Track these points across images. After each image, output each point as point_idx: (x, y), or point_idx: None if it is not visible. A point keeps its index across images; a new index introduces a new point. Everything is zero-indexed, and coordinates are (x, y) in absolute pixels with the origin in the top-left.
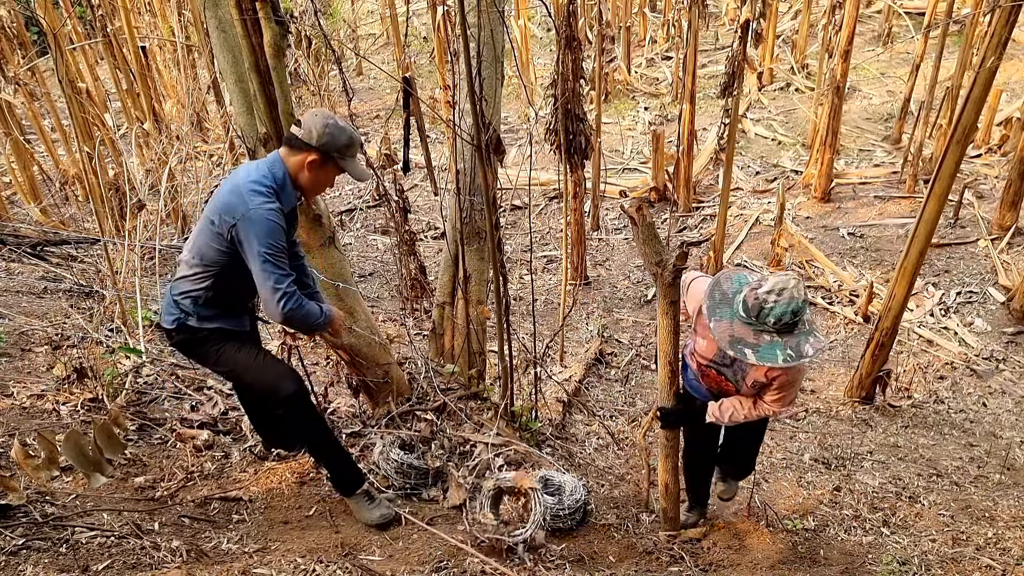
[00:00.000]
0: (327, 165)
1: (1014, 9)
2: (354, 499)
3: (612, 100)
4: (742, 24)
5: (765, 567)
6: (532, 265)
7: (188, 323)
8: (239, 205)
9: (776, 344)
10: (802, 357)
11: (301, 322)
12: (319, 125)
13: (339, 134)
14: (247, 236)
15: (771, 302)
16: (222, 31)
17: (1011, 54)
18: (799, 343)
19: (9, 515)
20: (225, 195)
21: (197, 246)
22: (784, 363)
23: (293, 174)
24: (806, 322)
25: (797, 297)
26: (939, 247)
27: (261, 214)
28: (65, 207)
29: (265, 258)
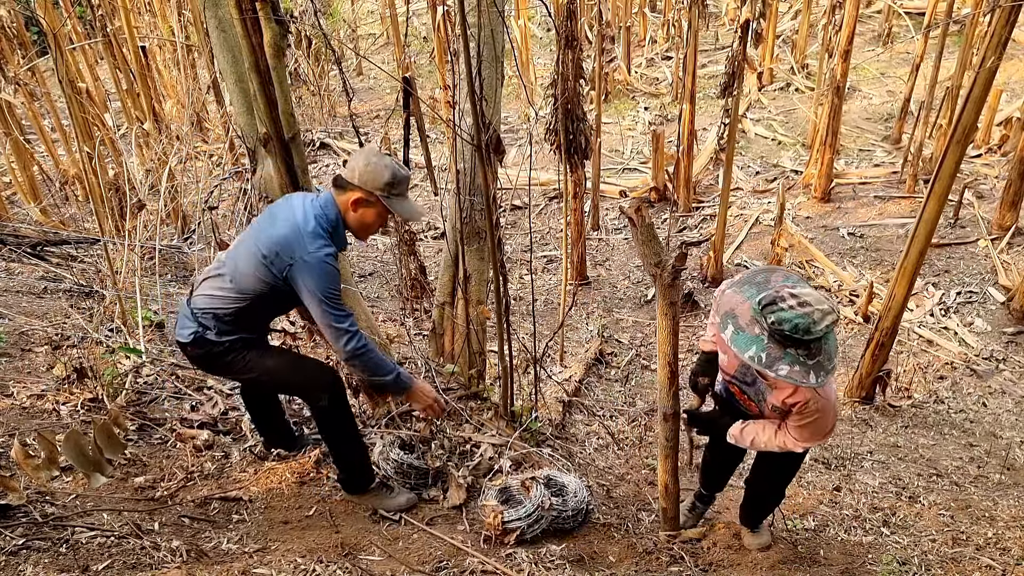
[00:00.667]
0: (372, 204)
1: (1014, 9)
2: (371, 494)
3: (612, 100)
4: (742, 24)
5: (765, 567)
6: (532, 265)
7: (206, 336)
8: (298, 248)
9: (758, 341)
10: (768, 368)
11: (366, 366)
12: (361, 163)
13: (381, 171)
14: (304, 280)
15: (786, 305)
16: (222, 31)
17: (1011, 54)
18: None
19: (9, 515)
20: (282, 232)
21: (239, 273)
22: (750, 359)
23: (343, 214)
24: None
25: (812, 324)
26: (939, 247)
27: (319, 259)
28: (65, 207)
29: (324, 302)
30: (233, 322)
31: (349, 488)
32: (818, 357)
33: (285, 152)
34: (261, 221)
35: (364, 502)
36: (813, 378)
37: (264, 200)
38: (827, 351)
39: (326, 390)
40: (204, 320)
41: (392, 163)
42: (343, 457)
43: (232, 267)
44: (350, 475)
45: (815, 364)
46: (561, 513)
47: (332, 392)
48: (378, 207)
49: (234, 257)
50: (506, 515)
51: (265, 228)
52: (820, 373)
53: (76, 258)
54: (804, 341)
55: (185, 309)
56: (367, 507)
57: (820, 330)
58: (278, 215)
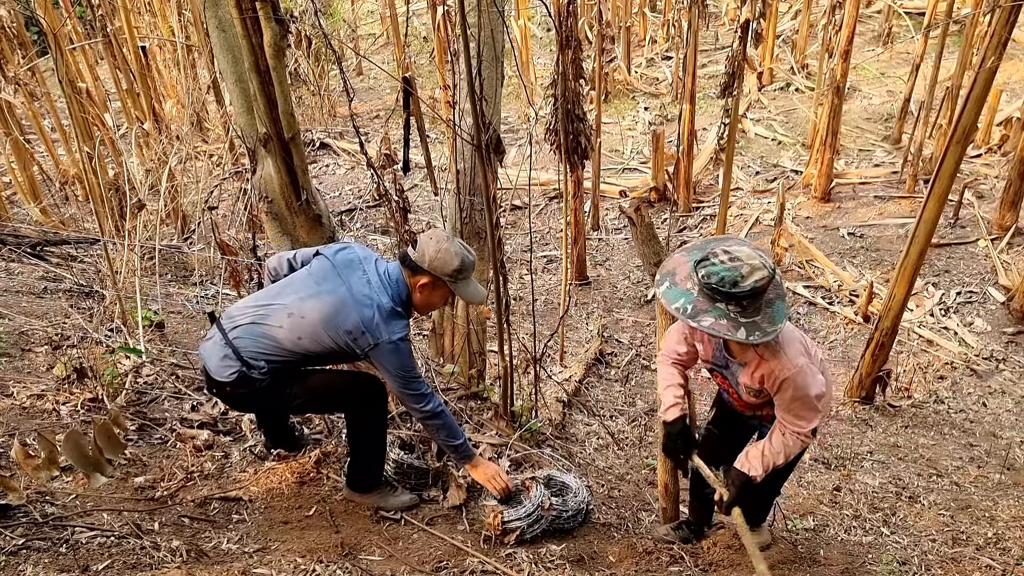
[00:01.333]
0: (438, 288)
1: (1014, 9)
2: (375, 493)
3: (612, 100)
4: (742, 24)
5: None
6: (532, 265)
7: (251, 375)
8: (384, 331)
9: (687, 294)
10: (691, 319)
11: (440, 428)
12: (432, 249)
13: (451, 259)
14: (387, 361)
15: (717, 260)
16: (222, 31)
17: (1011, 54)
18: (709, 312)
19: (9, 515)
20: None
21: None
22: (676, 311)
23: (410, 293)
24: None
25: (744, 277)
26: (939, 247)
27: (399, 342)
28: (65, 207)
29: (406, 380)
30: (284, 364)
31: (355, 486)
32: (754, 317)
33: (285, 152)
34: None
35: (366, 501)
36: (743, 333)
37: (264, 200)
38: (769, 315)
39: (372, 403)
40: (253, 362)
41: (461, 250)
42: (362, 456)
43: (305, 328)
44: (363, 475)
45: (749, 323)
46: (561, 513)
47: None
48: (444, 290)
49: (305, 317)
50: (506, 515)
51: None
52: (754, 331)
53: (76, 258)
54: (734, 295)
55: (225, 348)
56: (368, 506)
57: (749, 284)
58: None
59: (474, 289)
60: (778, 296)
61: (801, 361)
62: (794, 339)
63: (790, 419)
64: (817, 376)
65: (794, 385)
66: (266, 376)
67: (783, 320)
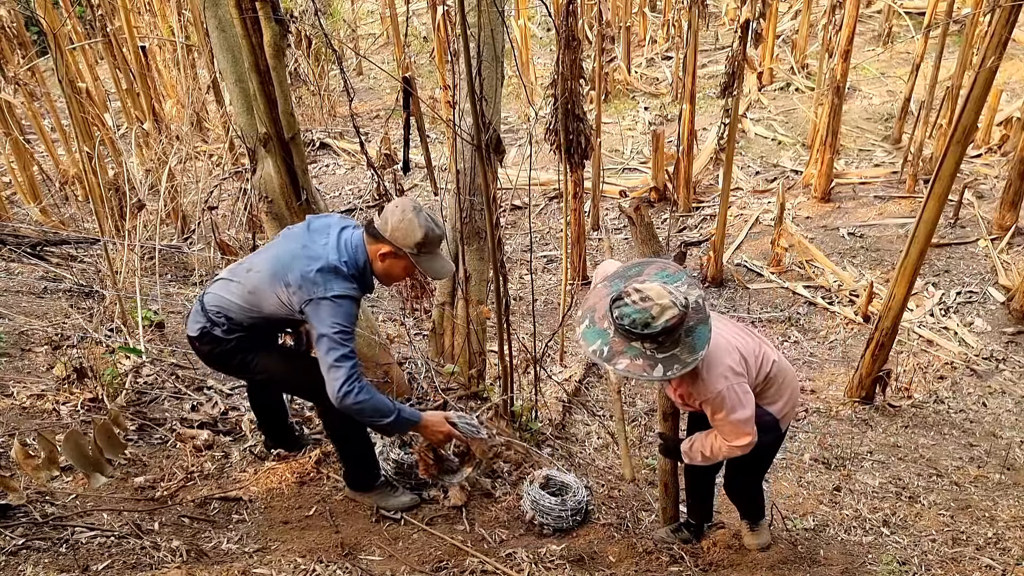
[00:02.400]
0: (399, 259)
1: (1014, 9)
2: (375, 492)
3: (612, 100)
4: (742, 24)
5: (765, 567)
6: (532, 265)
7: (214, 332)
8: (318, 287)
9: (604, 335)
10: (607, 362)
11: (361, 415)
12: (395, 218)
13: (413, 231)
14: (317, 316)
15: (628, 300)
16: (222, 31)
17: (1011, 54)
18: (625, 353)
19: (9, 515)
20: (311, 268)
21: (260, 290)
22: (592, 354)
23: (371, 261)
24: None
25: (655, 318)
26: (939, 247)
27: (336, 299)
28: (65, 207)
29: (332, 340)
30: (241, 327)
31: (353, 485)
32: (673, 350)
33: (285, 152)
34: (294, 242)
35: (366, 500)
36: (660, 370)
37: (264, 200)
38: (689, 344)
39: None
40: (215, 317)
41: (426, 221)
42: (348, 454)
43: (256, 281)
44: (355, 471)
45: (668, 357)
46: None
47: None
48: (405, 261)
49: (259, 271)
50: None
51: (297, 257)
52: (672, 365)
53: (76, 258)
54: (647, 335)
55: (197, 304)
56: (368, 505)
57: (660, 325)
58: (313, 246)
59: (439, 265)
60: (700, 321)
61: (720, 386)
62: (720, 362)
63: (720, 431)
64: (743, 397)
65: (713, 408)
66: (230, 338)
67: (705, 346)
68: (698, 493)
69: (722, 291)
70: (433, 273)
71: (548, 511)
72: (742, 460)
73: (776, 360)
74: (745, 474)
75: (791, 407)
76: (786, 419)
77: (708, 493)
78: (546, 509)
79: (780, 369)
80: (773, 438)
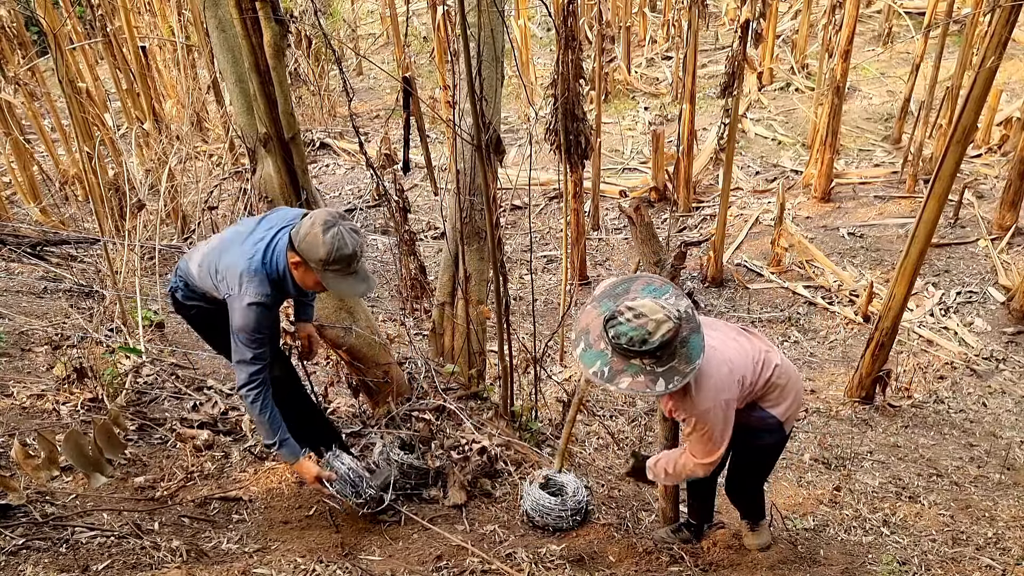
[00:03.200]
0: (308, 272)
1: (1014, 9)
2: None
3: (612, 100)
4: (742, 24)
5: (765, 567)
6: (532, 265)
7: (176, 295)
8: (236, 286)
9: (603, 356)
10: (609, 383)
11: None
12: (305, 227)
13: (316, 247)
14: (233, 313)
15: (623, 319)
16: (222, 31)
17: (1011, 54)
18: (626, 372)
19: (9, 515)
20: (233, 263)
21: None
22: (593, 375)
23: (290, 268)
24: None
25: (651, 333)
26: (939, 247)
27: (250, 304)
28: (65, 207)
29: (240, 343)
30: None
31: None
32: (671, 363)
33: (285, 152)
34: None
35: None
36: (662, 385)
37: (264, 200)
38: (685, 354)
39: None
40: (178, 282)
41: (334, 239)
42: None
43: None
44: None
45: (667, 370)
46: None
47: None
48: (315, 275)
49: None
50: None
51: (232, 248)
52: (672, 377)
53: (76, 258)
54: (645, 351)
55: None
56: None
57: (657, 340)
58: (247, 242)
59: (347, 285)
60: (692, 331)
61: (705, 406)
62: (708, 379)
63: (690, 447)
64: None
65: (692, 425)
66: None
67: (700, 355)
68: (699, 494)
69: (722, 291)
70: (340, 293)
71: (548, 511)
72: (746, 461)
73: (779, 363)
74: (748, 475)
75: (795, 409)
76: (790, 421)
77: (709, 494)
78: (546, 509)
79: (783, 372)
80: (777, 440)
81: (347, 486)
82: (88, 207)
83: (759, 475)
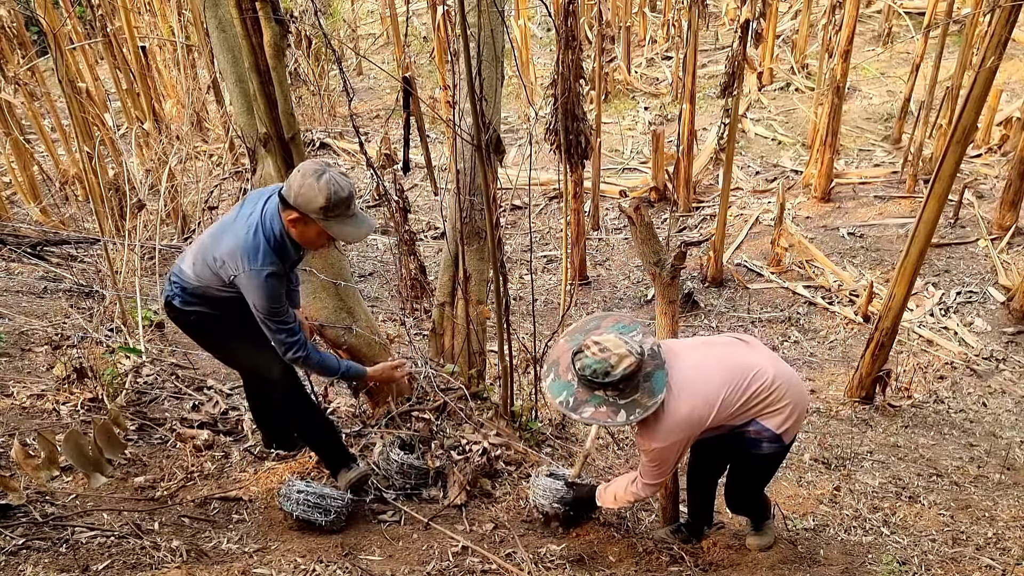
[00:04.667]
0: (309, 224)
1: (1014, 9)
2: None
3: (612, 100)
4: (742, 24)
5: (765, 567)
6: (532, 265)
7: (174, 303)
8: (241, 263)
9: (568, 386)
10: (573, 411)
11: (311, 369)
12: (296, 183)
13: (314, 196)
14: (248, 292)
15: (588, 352)
16: (222, 31)
17: (1011, 54)
18: (587, 404)
19: (9, 515)
20: (231, 244)
21: (200, 264)
22: (560, 404)
23: (287, 230)
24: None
25: (613, 367)
26: (939, 247)
27: (260, 278)
28: (65, 207)
29: (267, 319)
30: (196, 298)
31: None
32: (634, 395)
33: (285, 152)
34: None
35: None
36: (623, 416)
37: None
38: (648, 388)
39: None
40: (174, 288)
41: (328, 184)
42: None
43: (202, 254)
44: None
45: (629, 403)
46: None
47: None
48: (316, 227)
49: (201, 241)
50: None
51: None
52: (634, 409)
53: (76, 258)
54: (608, 383)
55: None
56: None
57: (619, 373)
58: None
59: (351, 229)
60: (656, 367)
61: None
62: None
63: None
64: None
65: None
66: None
67: (663, 390)
68: (699, 494)
69: (722, 291)
70: (346, 237)
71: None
72: (745, 470)
73: (774, 374)
74: (747, 485)
75: (795, 419)
76: (789, 432)
77: (709, 494)
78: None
79: (778, 383)
80: (775, 450)
81: (312, 511)
82: (88, 207)
83: (758, 485)
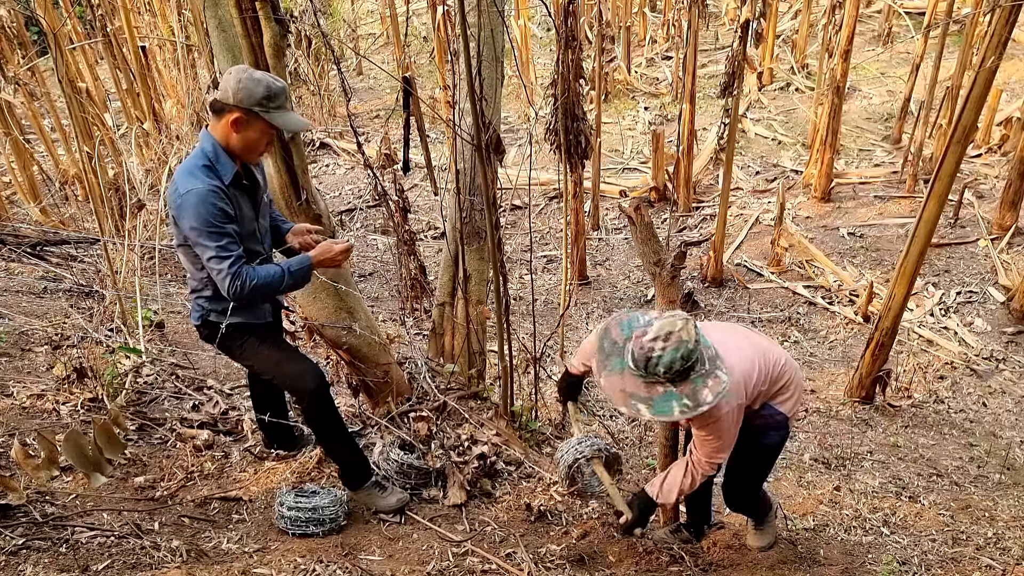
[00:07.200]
0: (253, 122)
1: (1014, 9)
2: (364, 491)
3: (612, 100)
4: (742, 24)
5: (765, 567)
6: (532, 265)
7: (210, 319)
8: (173, 195)
9: (671, 394)
10: (699, 406)
11: (259, 294)
12: (233, 81)
13: (255, 86)
14: (182, 220)
15: (658, 350)
16: (222, 31)
17: (1011, 54)
18: (695, 389)
19: (9, 515)
20: (168, 191)
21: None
22: (680, 414)
23: (224, 142)
24: (705, 362)
25: (687, 340)
26: (939, 247)
27: (192, 197)
28: (65, 207)
29: (200, 235)
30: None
31: (346, 482)
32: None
33: (285, 152)
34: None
35: (358, 499)
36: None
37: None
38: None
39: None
40: (201, 303)
41: (265, 76)
42: (334, 453)
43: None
44: (344, 470)
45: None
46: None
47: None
48: (259, 123)
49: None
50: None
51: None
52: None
53: (76, 258)
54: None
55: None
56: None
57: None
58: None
59: (293, 118)
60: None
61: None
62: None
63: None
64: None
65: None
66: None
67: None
68: (697, 493)
69: (722, 291)
70: (290, 126)
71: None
72: (748, 463)
73: (786, 360)
74: (748, 478)
75: (799, 405)
76: (794, 417)
77: (706, 493)
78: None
79: (789, 368)
80: (781, 437)
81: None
82: (88, 207)
83: (759, 477)
